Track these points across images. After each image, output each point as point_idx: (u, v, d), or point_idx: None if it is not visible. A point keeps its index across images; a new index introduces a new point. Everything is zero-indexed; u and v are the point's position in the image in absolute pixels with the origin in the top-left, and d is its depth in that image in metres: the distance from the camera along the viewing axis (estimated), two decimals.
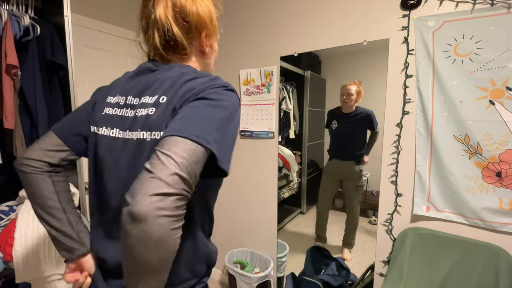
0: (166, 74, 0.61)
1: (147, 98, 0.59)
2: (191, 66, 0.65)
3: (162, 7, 0.61)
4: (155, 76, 0.62)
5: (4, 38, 1.07)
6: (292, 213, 2.09)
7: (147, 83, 0.62)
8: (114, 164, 0.61)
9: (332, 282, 1.61)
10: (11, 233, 1.07)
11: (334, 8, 1.51)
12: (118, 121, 0.61)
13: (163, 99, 0.57)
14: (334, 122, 1.75)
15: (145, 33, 0.67)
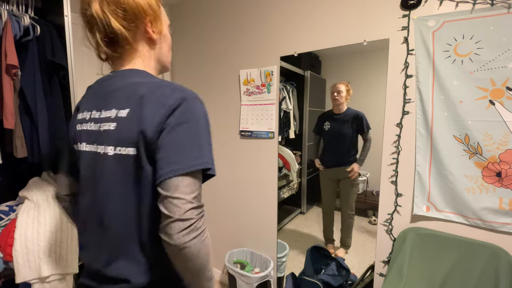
0: (120, 84, 0.64)
1: (107, 112, 0.62)
2: (143, 71, 0.67)
3: (97, 3, 0.60)
4: (111, 86, 0.65)
5: (4, 38, 1.07)
6: (292, 213, 2.09)
7: (105, 95, 0.65)
8: (90, 176, 0.65)
9: (332, 282, 1.61)
10: (11, 233, 1.07)
11: (334, 8, 1.51)
12: (87, 135, 0.66)
13: (123, 113, 0.59)
14: (326, 123, 1.77)
15: (92, 36, 0.65)
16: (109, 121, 0.61)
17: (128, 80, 0.63)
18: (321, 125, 1.80)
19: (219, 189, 2.15)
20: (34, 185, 1.23)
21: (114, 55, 0.66)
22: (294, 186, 2.06)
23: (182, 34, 2.23)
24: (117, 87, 0.63)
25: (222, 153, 2.09)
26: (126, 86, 0.62)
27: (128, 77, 0.64)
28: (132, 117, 0.58)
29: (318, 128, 1.84)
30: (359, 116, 1.64)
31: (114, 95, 0.63)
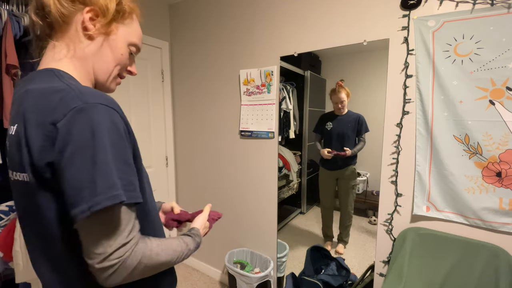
0: (21, 87, 0.54)
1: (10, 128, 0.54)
2: (54, 75, 0.52)
3: None
4: (18, 91, 0.55)
5: (4, 38, 1.07)
6: (292, 213, 2.09)
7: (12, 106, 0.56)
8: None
9: (332, 282, 1.61)
10: (11, 233, 1.07)
11: (334, 8, 1.51)
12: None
13: (11, 130, 0.52)
14: (329, 123, 1.78)
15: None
16: (8, 140, 0.54)
17: (24, 88, 0.53)
18: (323, 125, 1.80)
19: (219, 189, 2.15)
20: None
21: (42, 36, 0.57)
22: (294, 186, 2.06)
23: (181, 34, 2.23)
24: (17, 92, 0.55)
25: (222, 153, 2.09)
26: (21, 92, 0.53)
27: (25, 85, 0.54)
28: (17, 136, 0.50)
29: (320, 127, 1.84)
30: (360, 119, 1.67)
31: (13, 105, 0.54)
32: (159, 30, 2.22)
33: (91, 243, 0.46)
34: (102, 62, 0.58)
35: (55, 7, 0.53)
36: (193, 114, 2.24)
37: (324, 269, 1.74)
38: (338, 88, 1.69)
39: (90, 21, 0.55)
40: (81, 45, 0.56)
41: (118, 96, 1.92)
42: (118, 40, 0.59)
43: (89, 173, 0.44)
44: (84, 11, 0.54)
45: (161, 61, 2.26)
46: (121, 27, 0.59)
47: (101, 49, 0.58)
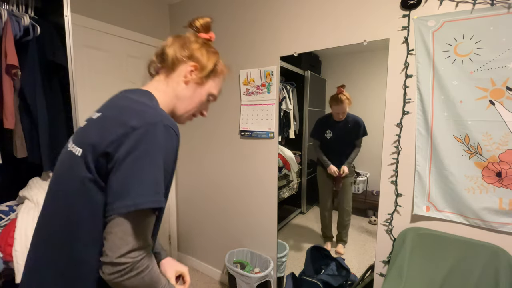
0: (120, 93, 0.68)
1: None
2: (149, 93, 0.68)
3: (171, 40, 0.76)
4: (116, 95, 0.69)
5: (4, 38, 1.07)
6: (292, 213, 2.09)
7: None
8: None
9: (332, 282, 1.61)
10: (11, 233, 1.07)
11: (334, 8, 1.51)
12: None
13: (95, 115, 0.63)
14: (328, 131, 1.77)
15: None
16: (85, 121, 0.65)
17: (126, 93, 0.67)
18: (322, 132, 1.80)
19: (219, 189, 2.15)
20: (34, 185, 1.23)
21: (159, 67, 0.75)
22: (294, 186, 2.06)
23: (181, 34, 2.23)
24: (118, 94, 0.68)
25: (222, 153, 2.09)
26: (118, 96, 0.67)
27: (130, 92, 0.68)
28: (98, 120, 0.60)
29: (318, 134, 1.83)
30: (359, 123, 1.66)
31: (107, 101, 0.68)
32: (159, 30, 2.22)
33: (117, 238, 0.51)
34: (186, 103, 0.74)
35: (172, 56, 0.72)
36: None
37: (324, 269, 1.74)
38: (340, 97, 1.65)
39: (190, 72, 0.72)
40: (177, 86, 0.72)
41: None
42: (203, 90, 0.76)
43: (144, 176, 0.53)
44: (189, 64, 0.72)
45: None
46: (210, 81, 0.76)
47: (189, 93, 0.74)
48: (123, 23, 1.92)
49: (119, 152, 0.53)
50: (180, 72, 0.72)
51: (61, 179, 0.62)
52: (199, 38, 0.75)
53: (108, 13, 1.83)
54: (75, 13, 1.49)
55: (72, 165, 0.59)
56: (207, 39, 0.77)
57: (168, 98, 0.72)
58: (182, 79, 0.72)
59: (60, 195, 0.61)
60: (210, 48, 0.76)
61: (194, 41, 0.74)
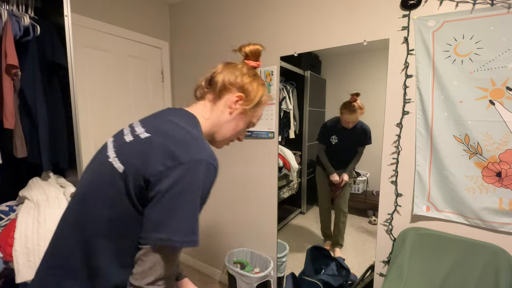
0: (165, 114, 0.69)
1: (138, 128, 0.65)
2: (193, 118, 0.69)
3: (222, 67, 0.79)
4: (162, 113, 0.71)
5: (4, 38, 1.07)
6: (292, 213, 2.09)
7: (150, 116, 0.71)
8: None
9: (332, 282, 1.61)
10: (11, 233, 1.07)
11: (334, 8, 1.51)
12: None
13: (143, 135, 0.61)
14: (334, 137, 1.75)
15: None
16: (131, 135, 0.63)
17: (173, 116, 0.67)
18: (328, 137, 1.77)
19: (219, 189, 2.15)
20: (34, 185, 1.23)
21: (206, 94, 0.76)
22: (294, 186, 2.06)
23: (181, 34, 2.23)
24: (161, 115, 0.69)
25: (222, 153, 2.09)
26: (165, 118, 0.67)
27: (176, 114, 0.69)
28: (145, 141, 0.59)
29: (325, 139, 1.80)
30: (366, 132, 1.62)
31: (153, 118, 0.68)
32: (159, 30, 2.22)
33: (147, 267, 0.53)
34: (226, 130, 0.76)
35: (221, 84, 0.73)
36: None
37: (324, 269, 1.74)
38: (354, 105, 1.58)
39: (236, 102, 0.73)
40: (221, 115, 0.74)
41: (119, 96, 1.93)
42: (245, 119, 0.77)
43: (182, 212, 0.54)
44: (235, 94, 0.73)
45: (161, 61, 2.26)
46: (251, 111, 0.76)
47: (231, 122, 0.75)
48: (123, 23, 1.92)
49: (162, 184, 0.54)
50: (226, 101, 0.73)
51: (97, 189, 0.61)
52: (250, 70, 0.77)
53: (108, 13, 1.83)
54: (75, 13, 1.49)
55: (112, 179, 0.58)
56: (254, 67, 0.78)
57: (210, 125, 0.73)
58: (227, 109, 0.73)
59: (92, 203, 0.60)
60: (260, 80, 0.77)
61: (246, 73, 0.75)
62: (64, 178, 1.37)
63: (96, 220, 0.58)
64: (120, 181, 0.57)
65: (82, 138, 1.63)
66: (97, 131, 1.82)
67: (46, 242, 1.07)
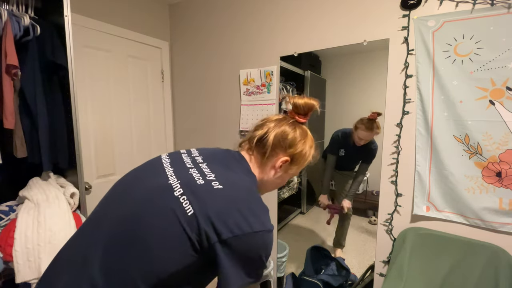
0: (233, 159, 0.70)
1: (207, 168, 0.64)
2: (254, 183, 0.68)
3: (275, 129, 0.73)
4: (226, 153, 0.72)
5: (4, 38, 1.07)
6: (292, 213, 2.09)
7: (215, 155, 0.72)
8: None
9: (332, 282, 1.61)
10: (11, 233, 1.07)
11: (334, 8, 1.51)
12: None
13: (216, 184, 0.58)
14: (342, 150, 1.73)
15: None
16: (200, 176, 0.60)
17: (239, 169, 0.67)
18: (337, 149, 1.74)
19: None
20: (34, 185, 1.23)
21: (253, 149, 0.74)
22: (294, 186, 2.06)
23: (181, 34, 2.23)
24: (229, 163, 0.67)
25: None
26: (233, 170, 0.65)
27: (241, 166, 0.69)
28: (216, 196, 0.56)
29: (334, 150, 1.75)
30: (374, 150, 1.53)
31: (220, 164, 0.66)
32: (159, 30, 2.22)
33: None
34: (271, 186, 0.77)
35: (271, 147, 0.70)
36: (193, 114, 2.24)
37: (324, 269, 1.74)
38: (373, 124, 1.48)
39: (280, 167, 0.72)
40: (265, 174, 0.73)
41: (119, 96, 1.93)
42: (288, 175, 0.76)
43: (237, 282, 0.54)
44: (281, 159, 0.71)
45: (161, 61, 2.26)
46: (295, 167, 0.74)
47: (275, 180, 0.75)
48: (123, 23, 1.92)
49: (234, 249, 0.53)
50: (273, 162, 0.72)
51: (149, 223, 0.54)
52: (302, 132, 0.73)
53: (108, 13, 1.83)
54: (75, 13, 1.49)
55: (175, 216, 0.53)
56: (301, 122, 0.75)
57: (258, 182, 0.72)
58: (272, 170, 0.72)
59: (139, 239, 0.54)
60: (310, 141, 0.75)
61: (299, 140, 0.71)
62: (64, 178, 1.37)
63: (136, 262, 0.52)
64: (187, 224, 0.52)
65: (82, 138, 1.64)
66: (97, 131, 1.82)
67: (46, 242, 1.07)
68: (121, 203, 0.60)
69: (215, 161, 0.66)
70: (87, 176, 1.74)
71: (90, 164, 1.79)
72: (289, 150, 0.71)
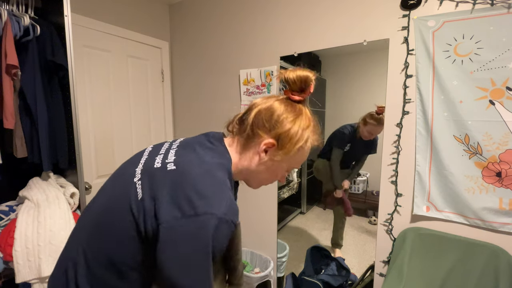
0: (193, 140, 0.64)
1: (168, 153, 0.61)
2: (223, 150, 0.62)
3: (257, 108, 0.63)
4: (188, 140, 0.66)
5: (4, 38, 1.07)
6: (292, 213, 2.09)
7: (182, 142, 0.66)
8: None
9: (332, 282, 1.61)
10: (11, 233, 1.07)
11: (334, 8, 1.51)
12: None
13: (171, 163, 0.56)
14: (348, 145, 1.74)
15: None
16: (161, 159, 0.59)
17: (207, 149, 0.61)
18: (345, 144, 1.74)
19: None
20: (34, 185, 1.23)
21: (236, 130, 0.67)
22: (294, 186, 2.06)
23: (181, 34, 2.23)
24: (196, 144, 0.62)
25: None
26: (197, 150, 0.60)
27: (212, 148, 0.62)
28: (167, 175, 0.53)
29: (342, 145, 1.75)
30: (376, 142, 1.55)
31: (188, 146, 0.62)
32: (159, 30, 2.22)
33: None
34: (260, 178, 0.67)
35: (249, 127, 0.61)
36: (193, 114, 2.24)
37: (324, 269, 1.74)
38: (381, 118, 1.47)
39: (263, 151, 0.61)
40: (250, 162, 0.63)
41: (118, 96, 1.93)
42: (281, 166, 0.64)
43: (196, 274, 0.50)
44: (264, 141, 0.60)
45: (161, 61, 2.26)
46: (282, 153, 0.61)
47: (263, 171, 0.64)
48: (123, 23, 1.92)
49: (174, 233, 0.49)
50: (255, 148, 0.62)
51: (112, 211, 0.57)
52: (292, 110, 0.61)
53: (108, 13, 1.83)
54: (75, 13, 1.49)
55: (128, 202, 0.53)
56: (297, 101, 0.62)
57: (241, 170, 0.64)
58: (256, 156, 0.62)
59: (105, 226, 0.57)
60: (303, 122, 0.61)
61: (285, 117, 0.59)
62: (64, 178, 1.37)
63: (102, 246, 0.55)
64: (134, 208, 0.52)
65: (82, 138, 1.64)
66: (97, 131, 1.82)
67: (46, 242, 1.07)
68: (104, 192, 0.63)
69: (186, 145, 0.62)
70: (87, 176, 1.74)
71: (90, 164, 1.79)
72: (274, 130, 0.59)
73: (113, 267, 0.54)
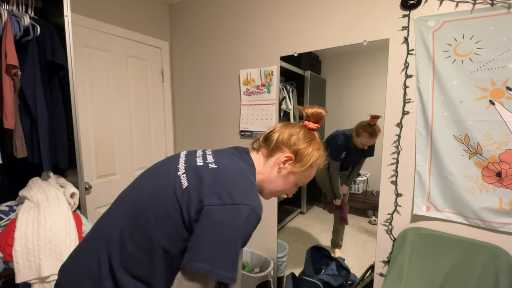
0: (237, 155, 0.77)
1: (209, 156, 0.74)
2: (251, 166, 0.75)
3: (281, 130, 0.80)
4: (224, 150, 0.79)
5: (4, 38, 1.07)
6: (292, 213, 2.09)
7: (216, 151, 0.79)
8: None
9: (332, 282, 1.61)
10: (11, 233, 1.07)
11: (334, 8, 1.51)
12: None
13: (211, 164, 0.68)
14: (344, 153, 1.74)
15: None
16: (202, 160, 0.71)
17: (240, 160, 0.74)
18: (340, 154, 1.75)
19: None
20: (34, 185, 1.23)
21: (260, 146, 0.82)
22: None
23: (181, 34, 2.23)
24: (232, 155, 0.76)
25: None
26: (234, 159, 0.73)
27: (242, 159, 0.75)
28: (211, 172, 0.65)
29: (338, 156, 1.76)
30: (372, 146, 1.57)
31: (224, 155, 0.75)
32: (159, 30, 2.22)
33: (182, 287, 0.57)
34: (274, 186, 0.79)
35: (274, 142, 0.77)
36: (193, 114, 2.24)
37: (324, 269, 1.74)
38: (375, 129, 1.49)
39: (284, 162, 0.76)
40: (270, 171, 0.77)
41: (118, 96, 1.93)
42: (293, 178, 0.78)
43: (229, 251, 0.59)
44: (285, 154, 0.75)
45: (161, 61, 2.26)
46: (301, 173, 0.77)
47: (279, 179, 0.78)
48: (123, 23, 1.92)
49: (214, 216, 0.59)
50: (277, 159, 0.76)
51: (156, 199, 0.65)
52: (307, 134, 0.78)
53: (108, 13, 1.83)
54: (75, 13, 1.49)
55: (173, 190, 0.63)
56: (312, 129, 0.79)
57: (261, 179, 0.77)
58: (276, 167, 0.76)
59: (149, 213, 0.64)
60: (316, 145, 0.78)
61: (302, 138, 0.76)
62: (64, 178, 1.37)
63: (146, 230, 0.62)
64: (179, 195, 0.62)
65: (82, 138, 1.64)
66: (97, 131, 1.82)
67: (46, 242, 1.07)
68: (142, 184, 0.72)
69: (220, 152, 0.76)
70: (87, 176, 1.74)
71: (90, 164, 1.79)
72: (293, 147, 0.75)
73: (148, 245, 0.62)
